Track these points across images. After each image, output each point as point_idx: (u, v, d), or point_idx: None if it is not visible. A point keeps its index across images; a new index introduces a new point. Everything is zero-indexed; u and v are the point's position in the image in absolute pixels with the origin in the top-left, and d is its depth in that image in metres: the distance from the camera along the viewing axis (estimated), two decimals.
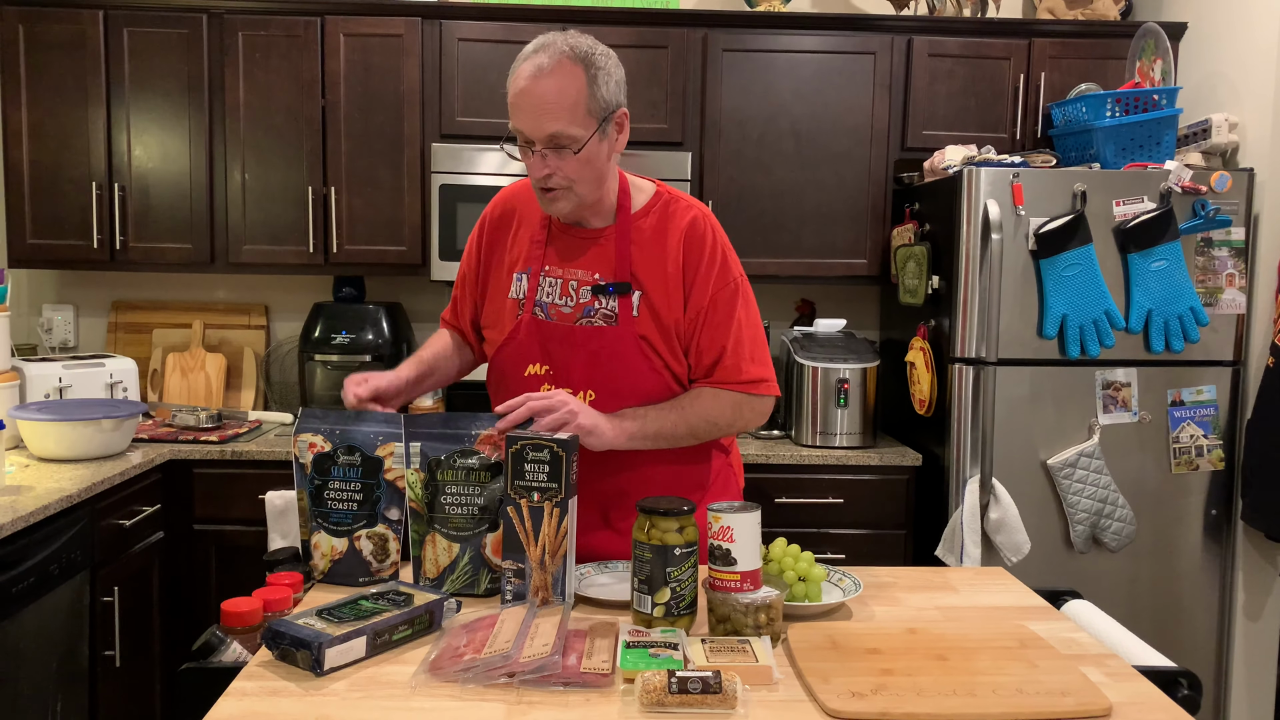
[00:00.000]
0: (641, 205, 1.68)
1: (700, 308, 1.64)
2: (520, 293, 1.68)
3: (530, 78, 1.51)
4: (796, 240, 3.18)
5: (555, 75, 1.51)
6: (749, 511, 1.33)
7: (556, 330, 1.65)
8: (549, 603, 1.39)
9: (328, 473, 1.49)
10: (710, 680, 1.11)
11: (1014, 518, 2.69)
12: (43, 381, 2.83)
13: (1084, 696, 1.16)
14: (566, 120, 1.52)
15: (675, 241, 1.64)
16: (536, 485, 1.39)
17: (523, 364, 1.67)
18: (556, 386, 1.64)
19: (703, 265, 1.64)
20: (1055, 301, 2.70)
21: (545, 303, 1.66)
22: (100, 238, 3.07)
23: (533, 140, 1.54)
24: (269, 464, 2.81)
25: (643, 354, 1.63)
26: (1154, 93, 2.89)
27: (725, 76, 3.12)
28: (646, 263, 1.64)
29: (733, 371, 1.66)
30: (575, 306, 1.65)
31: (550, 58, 1.51)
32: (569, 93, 1.51)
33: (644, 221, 1.66)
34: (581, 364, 1.64)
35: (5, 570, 2.03)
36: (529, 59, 1.53)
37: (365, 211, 3.10)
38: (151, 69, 3.05)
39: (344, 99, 3.08)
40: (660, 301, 1.63)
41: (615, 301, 1.63)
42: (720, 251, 1.67)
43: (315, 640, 1.18)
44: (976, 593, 1.57)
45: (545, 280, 1.67)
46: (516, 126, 1.55)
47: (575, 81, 1.52)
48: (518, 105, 1.53)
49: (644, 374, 1.64)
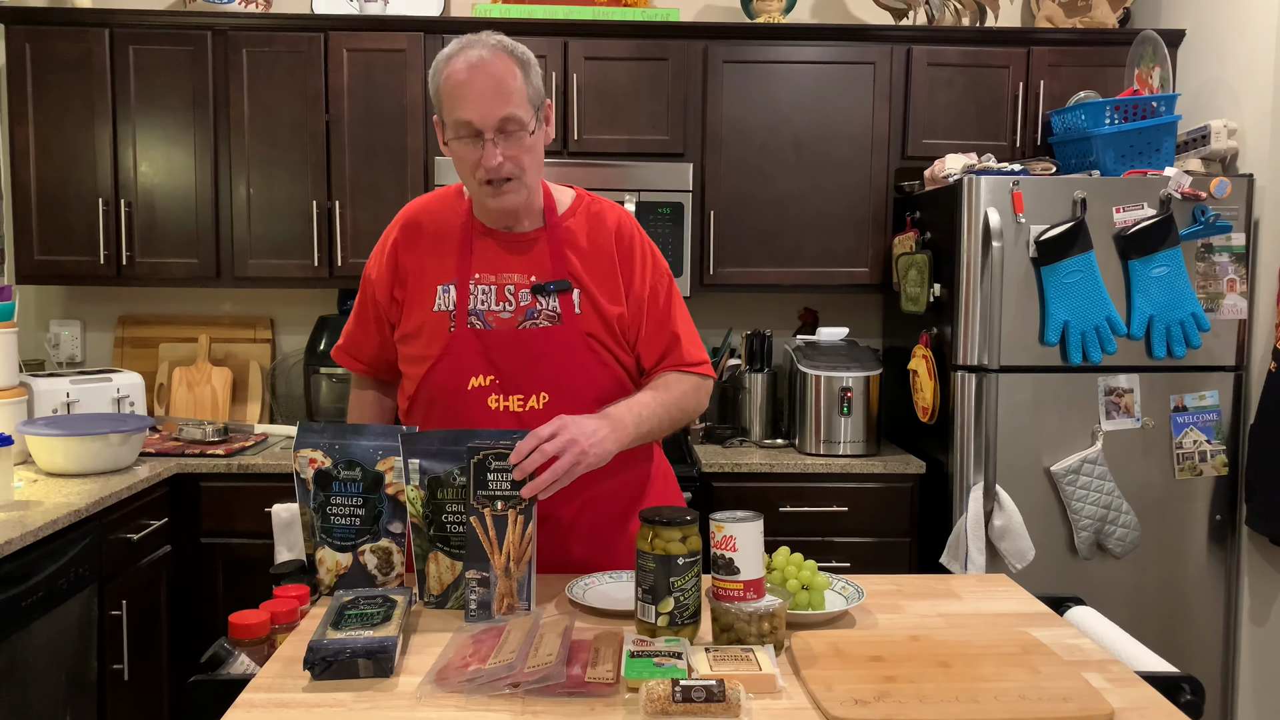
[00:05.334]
0: (567, 207, 1.70)
1: (641, 299, 1.68)
2: (449, 304, 1.64)
3: (471, 68, 1.53)
4: (798, 249, 3.19)
5: (495, 64, 1.53)
6: (752, 520, 1.34)
7: (499, 337, 1.62)
8: (514, 609, 1.40)
9: (329, 488, 1.50)
10: (714, 689, 1.12)
11: (1018, 524, 2.69)
12: (50, 397, 2.85)
13: (1086, 702, 1.16)
14: (516, 103, 1.53)
15: (606, 239, 1.68)
16: (500, 494, 1.40)
17: (464, 378, 1.62)
18: (505, 395, 1.62)
19: (635, 259, 1.69)
20: (1057, 308, 2.71)
21: (480, 310, 1.64)
22: (107, 253, 3.09)
23: (481, 130, 1.53)
24: (275, 477, 2.82)
25: (591, 350, 1.64)
26: (1153, 100, 2.90)
27: (726, 87, 3.14)
28: (581, 260, 1.66)
29: (687, 355, 1.71)
30: (516, 310, 1.63)
31: (486, 50, 1.54)
32: (510, 80, 1.54)
33: (571, 221, 1.69)
34: (530, 368, 1.62)
35: (14, 585, 2.04)
36: (459, 55, 1.54)
37: (369, 225, 3.12)
38: (157, 86, 3.08)
39: (347, 113, 3.10)
40: (601, 296, 1.65)
41: (556, 300, 1.64)
42: (648, 247, 1.73)
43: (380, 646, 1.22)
44: (980, 600, 1.58)
45: (477, 288, 1.64)
46: (461, 118, 1.53)
47: (513, 69, 1.55)
48: (461, 95, 1.53)
49: (594, 370, 1.65)
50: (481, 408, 1.63)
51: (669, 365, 1.71)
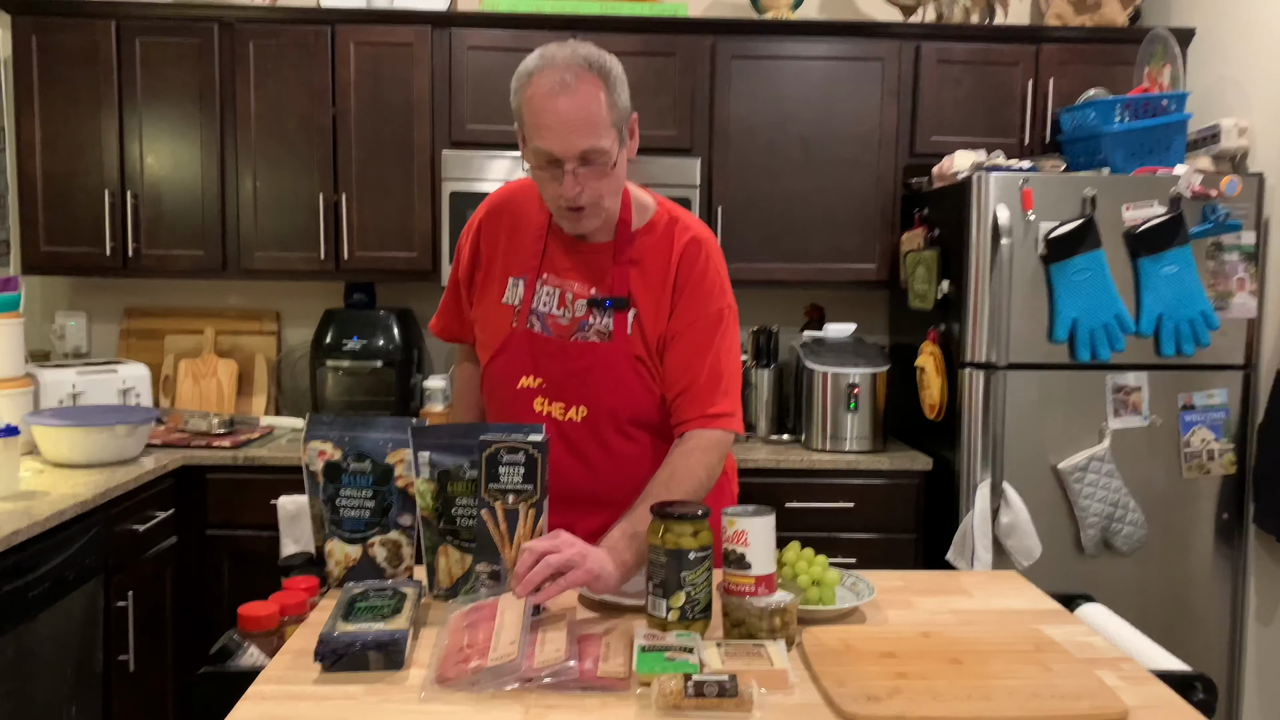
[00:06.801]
0: (643, 223, 1.65)
1: (679, 328, 1.61)
2: (516, 299, 1.65)
3: (554, 95, 1.45)
4: (805, 246, 3.18)
5: (580, 90, 1.46)
6: (764, 515, 1.33)
7: (550, 345, 1.62)
8: None
9: (339, 480, 1.50)
10: (726, 684, 1.12)
11: (1025, 522, 2.69)
12: (56, 388, 2.85)
13: (1099, 700, 1.16)
14: (598, 135, 1.47)
15: (669, 260, 1.62)
16: (511, 488, 1.40)
17: (515, 376, 1.64)
18: (550, 400, 1.62)
19: (690, 286, 1.61)
20: (1066, 306, 2.70)
21: (542, 312, 1.63)
22: (113, 245, 3.08)
23: (561, 159, 1.48)
24: (281, 469, 2.82)
25: (636, 373, 1.61)
26: (1163, 98, 2.89)
27: (734, 83, 3.13)
28: (643, 279, 1.62)
29: (706, 401, 1.59)
30: (571, 320, 1.62)
31: (571, 73, 1.45)
32: (595, 106, 1.47)
33: (644, 239, 1.64)
34: (574, 380, 1.61)
35: (20, 576, 2.04)
36: (543, 74, 1.46)
37: (376, 218, 3.12)
38: (163, 78, 3.07)
39: (354, 107, 3.09)
40: (649, 320, 1.61)
41: (610, 319, 1.61)
42: (712, 276, 1.63)
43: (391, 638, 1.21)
44: (990, 596, 1.57)
45: (543, 289, 1.64)
46: (543, 147, 1.47)
47: (598, 93, 1.47)
48: (543, 123, 1.46)
49: (636, 392, 1.62)
50: (527, 409, 1.63)
51: (686, 410, 1.60)
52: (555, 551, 1.32)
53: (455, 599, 1.48)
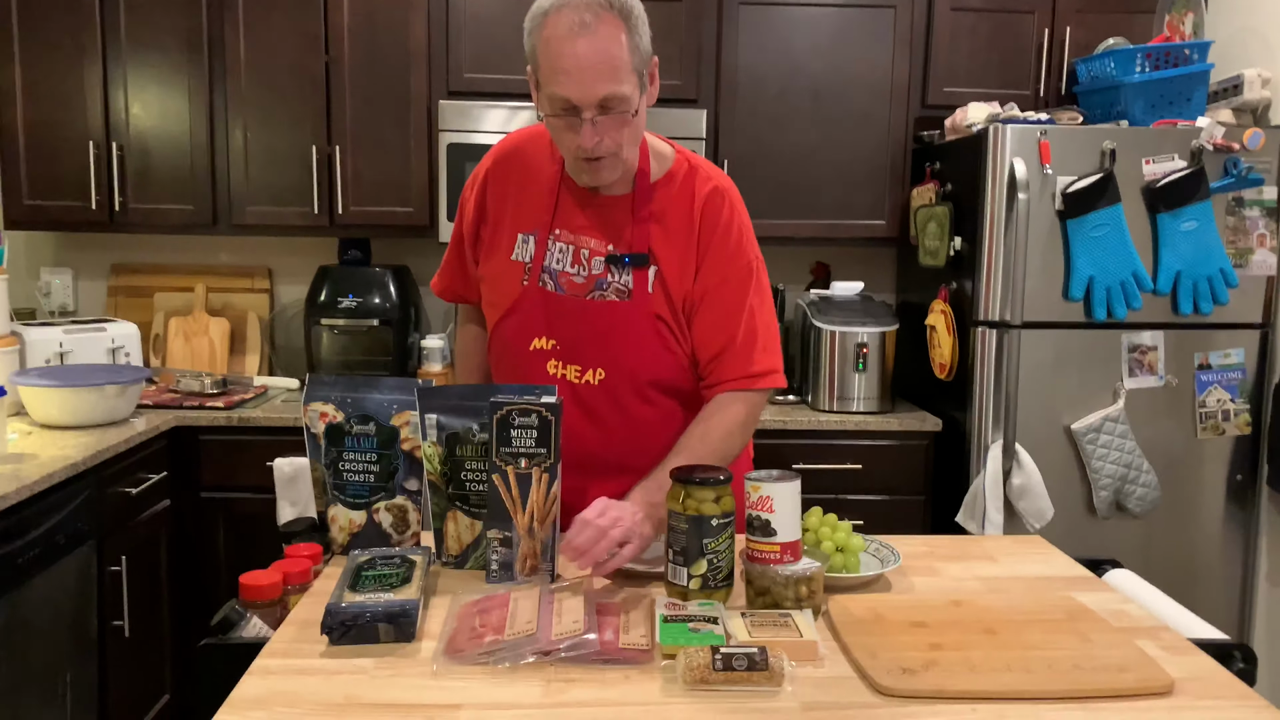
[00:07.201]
0: (662, 174, 1.55)
1: (707, 285, 1.52)
2: (526, 255, 1.55)
3: (572, 36, 1.34)
4: (813, 201, 3.10)
5: (601, 31, 1.34)
6: (789, 480, 1.27)
7: (566, 304, 1.53)
8: (537, 571, 1.34)
9: (342, 443, 1.43)
10: (756, 657, 1.06)
11: (1037, 484, 2.64)
12: (43, 346, 2.76)
13: (1144, 672, 1.11)
14: (619, 80, 1.36)
15: (691, 212, 1.53)
16: (524, 451, 1.32)
17: (528, 337, 1.55)
18: (564, 363, 1.54)
19: (715, 239, 1.52)
20: (1082, 263, 2.63)
21: (555, 269, 1.54)
22: (99, 199, 2.98)
23: (579, 107, 1.38)
24: (276, 430, 2.76)
25: (657, 333, 1.53)
26: (1185, 47, 2.80)
27: (742, 32, 3.02)
28: (664, 233, 1.53)
29: (746, 361, 1.53)
30: (588, 278, 1.53)
31: (591, 13, 1.34)
32: (616, 49, 1.36)
33: (664, 191, 1.54)
34: (591, 342, 1.53)
35: (10, 540, 1.98)
36: (560, 13, 1.35)
37: (371, 172, 3.02)
38: (149, 24, 2.95)
39: (348, 56, 2.98)
40: (673, 278, 1.52)
41: (630, 275, 1.52)
42: (737, 228, 1.55)
43: (402, 609, 1.16)
44: (1016, 562, 1.52)
45: (555, 245, 1.54)
46: (559, 93, 1.37)
47: (619, 35, 1.36)
48: (560, 68, 1.35)
49: (657, 353, 1.54)
50: (540, 371, 1.55)
51: (725, 371, 1.53)
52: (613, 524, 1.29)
53: (466, 566, 1.42)
